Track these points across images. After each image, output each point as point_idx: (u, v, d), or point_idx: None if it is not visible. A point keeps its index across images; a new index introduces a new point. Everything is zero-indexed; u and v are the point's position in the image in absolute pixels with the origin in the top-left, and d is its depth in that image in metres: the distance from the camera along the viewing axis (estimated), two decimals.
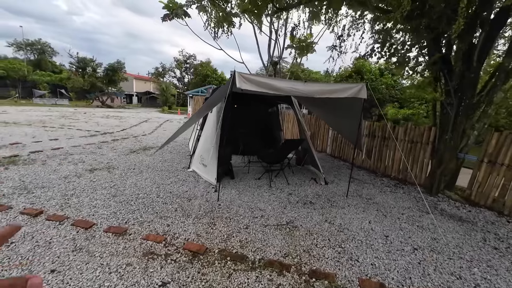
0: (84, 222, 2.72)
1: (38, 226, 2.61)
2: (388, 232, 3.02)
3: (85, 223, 2.72)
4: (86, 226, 2.65)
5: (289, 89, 3.10)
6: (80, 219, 2.79)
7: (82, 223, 2.70)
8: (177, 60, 37.92)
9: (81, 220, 2.77)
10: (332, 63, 10.45)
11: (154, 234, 2.61)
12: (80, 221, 2.74)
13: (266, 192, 4.14)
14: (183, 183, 4.25)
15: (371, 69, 15.29)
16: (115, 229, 2.64)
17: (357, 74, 14.82)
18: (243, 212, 3.30)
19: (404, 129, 5.15)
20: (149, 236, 2.55)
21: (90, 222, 2.75)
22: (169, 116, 20.71)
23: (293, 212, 3.43)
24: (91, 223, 2.73)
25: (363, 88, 3.48)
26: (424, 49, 4.21)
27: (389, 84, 14.83)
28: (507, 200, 3.64)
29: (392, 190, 4.61)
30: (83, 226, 2.65)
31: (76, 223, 2.70)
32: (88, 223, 2.72)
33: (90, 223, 2.73)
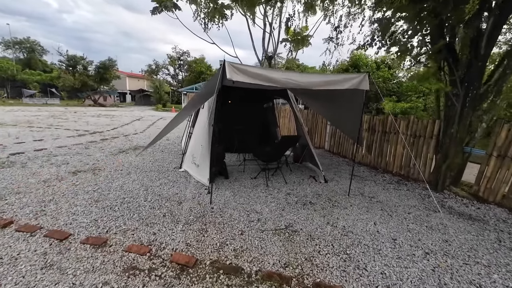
0: (59, 233, 2.43)
1: (6, 239, 2.30)
2: (396, 234, 2.78)
3: (60, 233, 2.42)
4: (61, 237, 2.36)
5: (285, 80, 2.81)
6: (55, 230, 2.49)
7: (56, 234, 2.40)
8: (170, 57, 37.24)
9: (56, 231, 2.47)
10: (329, 55, 10.12)
11: (138, 245, 2.32)
12: (54, 232, 2.44)
13: (263, 192, 3.87)
14: (174, 185, 3.96)
15: (368, 63, 15.05)
16: (94, 240, 2.35)
17: (354, 68, 14.56)
18: (238, 216, 3.03)
19: (407, 123, 4.92)
20: (131, 247, 2.27)
21: (65, 232, 2.45)
22: (163, 114, 20.27)
23: (292, 214, 3.17)
24: (67, 233, 2.43)
25: (365, 78, 3.21)
26: (426, 36, 3.94)
27: (386, 78, 14.62)
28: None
29: (395, 187, 4.39)
30: (58, 237, 2.35)
31: (49, 234, 2.40)
32: (63, 233, 2.43)
33: (65, 233, 2.43)
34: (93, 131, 9.08)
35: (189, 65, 37.53)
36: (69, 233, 2.44)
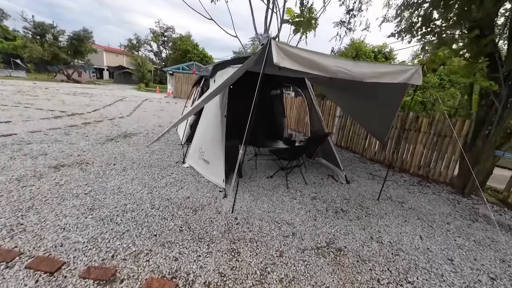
0: (48, 261, 1.82)
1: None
2: (449, 253, 2.49)
3: (49, 262, 1.81)
4: (51, 268, 1.76)
5: (336, 69, 2.28)
6: (41, 256, 1.87)
7: (44, 263, 1.79)
8: (153, 32, 34.38)
9: (42, 258, 1.85)
10: (338, 41, 9.48)
11: (159, 278, 1.79)
12: (40, 260, 1.83)
13: (285, 195, 3.43)
14: (182, 185, 3.38)
15: (366, 51, 14.69)
16: (98, 272, 1.78)
17: (355, 57, 14.15)
18: (268, 229, 2.57)
19: (430, 121, 4.63)
20: (151, 283, 1.74)
21: (56, 260, 1.85)
22: (147, 95, 18.80)
23: (327, 225, 2.77)
24: (59, 261, 1.83)
25: (418, 71, 2.76)
26: (474, 29, 3.53)
27: None
28: None
29: (420, 190, 4.14)
30: (46, 268, 1.75)
31: (34, 263, 1.79)
32: (53, 262, 1.82)
33: (56, 261, 1.83)
34: (72, 113, 7.97)
35: (174, 42, 34.98)
36: (61, 261, 1.84)
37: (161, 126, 7.34)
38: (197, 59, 30.86)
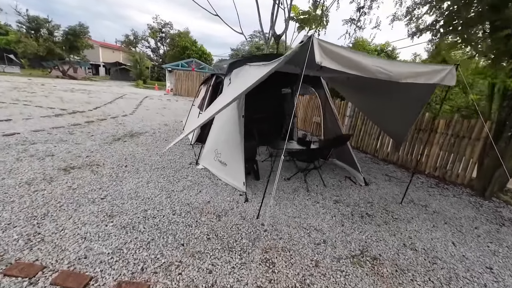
0: (74, 276, 1.67)
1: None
2: (485, 260, 2.41)
3: (76, 277, 1.67)
4: (79, 284, 1.61)
5: (375, 69, 2.16)
6: (66, 271, 1.72)
7: (70, 279, 1.65)
8: (151, 28, 33.78)
9: (68, 273, 1.71)
10: (347, 39, 9.27)
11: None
12: (66, 275, 1.68)
13: (307, 199, 3.32)
14: (200, 189, 3.24)
15: (370, 50, 14.61)
16: (130, 287, 1.64)
17: None
18: (298, 236, 2.45)
19: (447, 122, 4.55)
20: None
21: (83, 275, 1.70)
22: (146, 92, 18.46)
23: (356, 231, 2.66)
24: (86, 276, 1.69)
25: (452, 71, 2.65)
26: (501, 28, 3.43)
27: None
28: None
29: (440, 193, 4.07)
30: (74, 285, 1.60)
31: (59, 278, 1.64)
32: (80, 277, 1.68)
33: (83, 277, 1.68)
34: (72, 110, 7.72)
35: (172, 38, 34.46)
36: (88, 276, 1.70)
37: (167, 125, 7.15)
38: (196, 56, 30.43)
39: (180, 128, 6.92)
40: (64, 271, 1.71)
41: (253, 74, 2.74)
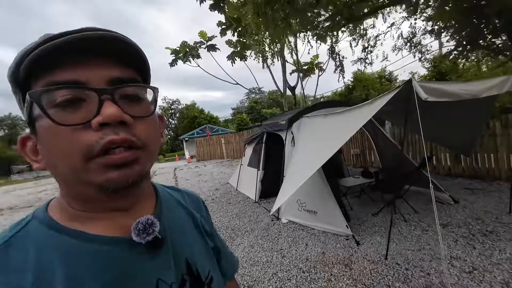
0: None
1: None
2: None
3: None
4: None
5: (462, 92, 2.44)
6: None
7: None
8: (162, 108, 37.57)
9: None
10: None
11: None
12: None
13: (413, 229, 3.22)
14: (304, 242, 3.22)
15: (369, 79, 15.69)
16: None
17: (358, 85, 15.05)
18: (441, 268, 2.33)
19: (503, 122, 4.64)
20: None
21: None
22: (170, 164, 19.35)
23: (495, 250, 2.52)
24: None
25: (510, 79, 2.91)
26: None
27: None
28: None
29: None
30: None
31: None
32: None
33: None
34: None
35: (181, 112, 37.85)
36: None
37: (218, 189, 7.35)
38: (206, 122, 32.84)
39: (230, 189, 7.08)
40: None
41: (343, 121, 3.03)
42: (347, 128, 2.85)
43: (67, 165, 0.33)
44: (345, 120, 3.07)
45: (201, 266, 0.47)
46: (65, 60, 0.32)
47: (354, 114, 2.92)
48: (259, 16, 3.81)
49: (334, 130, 3.17)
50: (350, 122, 2.92)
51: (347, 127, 2.89)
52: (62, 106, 0.32)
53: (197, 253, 0.48)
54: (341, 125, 3.08)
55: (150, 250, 0.39)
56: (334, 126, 3.23)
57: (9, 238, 0.33)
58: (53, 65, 0.32)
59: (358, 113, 2.86)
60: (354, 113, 2.96)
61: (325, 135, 3.35)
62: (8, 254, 0.32)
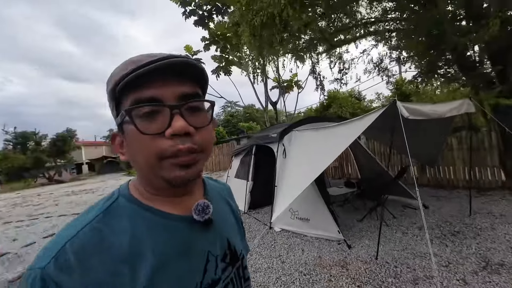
0: None
1: None
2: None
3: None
4: None
5: (431, 112, 2.94)
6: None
7: None
8: None
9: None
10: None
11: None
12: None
13: (395, 232, 3.60)
14: (299, 248, 3.40)
15: (341, 98, 17.01)
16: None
17: (330, 105, 16.20)
18: (424, 264, 2.68)
19: (458, 140, 5.44)
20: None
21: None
22: None
23: (463, 247, 2.95)
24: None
25: (468, 102, 3.54)
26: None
27: (363, 108, 16.61)
28: None
29: (488, 200, 4.55)
30: None
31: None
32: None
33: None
34: None
35: None
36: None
37: None
38: None
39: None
40: None
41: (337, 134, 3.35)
42: (339, 142, 3.20)
43: (144, 161, 0.43)
44: (336, 134, 3.42)
45: (237, 245, 0.58)
46: (149, 80, 0.41)
47: (345, 129, 3.28)
48: (255, 37, 4.15)
49: (327, 143, 3.50)
50: (341, 137, 3.27)
51: (339, 141, 3.24)
52: (144, 117, 0.42)
53: (233, 234, 0.59)
54: (333, 139, 3.42)
55: (203, 228, 0.50)
56: (326, 139, 3.57)
57: (107, 208, 0.44)
58: (140, 85, 0.42)
59: (348, 129, 3.23)
60: (344, 128, 3.33)
61: (318, 147, 3.66)
62: (108, 219, 0.43)
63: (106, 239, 0.40)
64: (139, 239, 0.42)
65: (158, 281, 0.42)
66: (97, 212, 0.43)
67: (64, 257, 0.37)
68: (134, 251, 0.41)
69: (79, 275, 0.37)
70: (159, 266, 0.42)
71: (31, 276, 0.37)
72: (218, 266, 0.51)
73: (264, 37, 3.98)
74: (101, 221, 0.42)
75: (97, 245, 0.40)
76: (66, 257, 0.37)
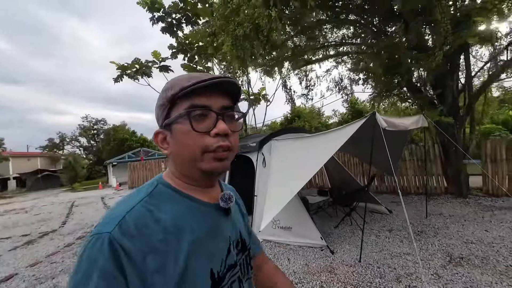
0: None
1: None
2: (503, 235, 3.40)
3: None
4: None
5: (401, 125, 3.33)
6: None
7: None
8: (82, 127, 32.07)
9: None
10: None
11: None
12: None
13: (369, 236, 3.85)
14: (285, 257, 3.38)
15: (305, 113, 18.15)
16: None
17: (298, 118, 17.16)
18: (402, 262, 2.91)
19: (409, 151, 6.24)
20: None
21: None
22: (94, 193, 16.28)
23: (429, 244, 3.31)
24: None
25: (423, 117, 4.14)
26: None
27: (323, 123, 17.91)
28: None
29: (437, 203, 5.26)
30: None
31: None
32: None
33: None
34: (39, 233, 6.35)
35: (107, 133, 33.24)
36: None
37: None
38: (137, 145, 29.73)
39: None
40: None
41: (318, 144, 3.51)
42: (323, 152, 3.35)
43: (190, 153, 0.52)
44: (318, 144, 3.59)
45: (246, 237, 0.68)
46: (202, 92, 0.52)
47: (327, 139, 3.48)
48: (237, 48, 4.20)
49: (310, 154, 3.63)
50: (324, 147, 3.45)
51: (322, 151, 3.39)
52: (196, 118, 0.52)
53: (242, 227, 0.69)
54: (316, 148, 3.57)
55: (225, 216, 0.61)
56: (309, 149, 3.71)
57: (150, 192, 0.53)
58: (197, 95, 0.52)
59: (330, 139, 3.43)
60: (326, 138, 3.52)
61: (301, 157, 3.77)
62: (153, 200, 0.52)
63: (155, 214, 0.49)
64: (180, 218, 0.52)
65: (195, 253, 0.51)
66: (144, 195, 0.52)
67: (127, 224, 0.46)
68: (177, 226, 0.51)
69: (138, 240, 0.45)
70: (195, 240, 0.52)
71: (99, 240, 0.44)
72: (234, 250, 0.60)
73: (247, 49, 4.06)
74: (148, 201, 0.51)
75: (149, 218, 0.49)
76: (128, 225, 0.46)
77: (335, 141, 3.29)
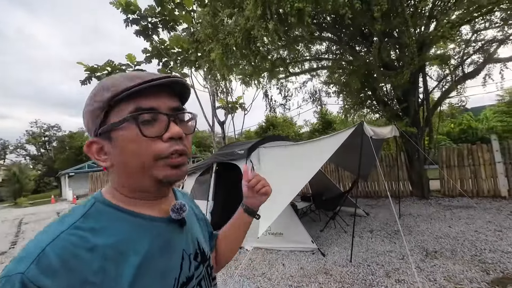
0: None
1: None
2: (469, 229, 3.93)
3: None
4: None
5: (381, 133, 3.70)
6: None
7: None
8: (31, 133, 28.39)
9: None
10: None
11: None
12: None
13: (355, 236, 4.09)
14: (280, 263, 3.42)
15: (279, 122, 18.69)
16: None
17: (273, 127, 17.57)
18: (388, 259, 3.17)
19: (380, 158, 6.85)
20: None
21: None
22: (45, 209, 14.36)
23: (407, 242, 3.65)
24: None
25: (395, 128, 4.64)
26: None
27: (295, 132, 18.64)
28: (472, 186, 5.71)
29: (408, 204, 5.82)
30: None
31: None
32: None
33: None
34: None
35: (60, 141, 29.95)
36: None
37: None
38: None
39: None
40: None
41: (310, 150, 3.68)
42: (315, 159, 3.54)
43: (139, 162, 0.46)
44: (308, 152, 3.77)
45: (204, 245, 0.63)
46: (148, 93, 0.47)
47: (316, 148, 3.68)
48: (227, 56, 4.26)
49: (301, 161, 3.78)
50: (314, 155, 3.64)
51: (314, 158, 3.58)
52: (145, 123, 0.46)
53: (199, 235, 0.64)
54: (307, 156, 3.74)
55: (179, 228, 0.55)
56: (300, 157, 3.86)
57: (86, 212, 0.46)
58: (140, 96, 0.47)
59: (319, 147, 3.64)
60: (315, 145, 3.73)
61: (293, 165, 3.90)
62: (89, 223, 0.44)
63: (89, 241, 0.42)
64: (122, 240, 0.45)
65: (142, 276, 0.45)
66: (75, 219, 0.44)
67: (47, 259, 0.38)
68: (118, 250, 0.44)
69: (64, 277, 0.38)
70: (143, 263, 0.45)
71: (8, 284, 0.35)
72: (192, 263, 0.55)
73: (237, 57, 4.15)
74: (82, 225, 0.44)
75: (80, 247, 0.41)
76: (48, 259, 0.38)
77: (325, 148, 3.50)
